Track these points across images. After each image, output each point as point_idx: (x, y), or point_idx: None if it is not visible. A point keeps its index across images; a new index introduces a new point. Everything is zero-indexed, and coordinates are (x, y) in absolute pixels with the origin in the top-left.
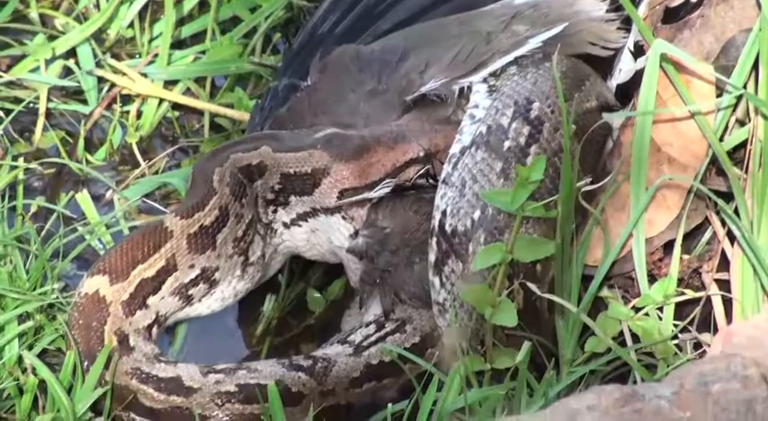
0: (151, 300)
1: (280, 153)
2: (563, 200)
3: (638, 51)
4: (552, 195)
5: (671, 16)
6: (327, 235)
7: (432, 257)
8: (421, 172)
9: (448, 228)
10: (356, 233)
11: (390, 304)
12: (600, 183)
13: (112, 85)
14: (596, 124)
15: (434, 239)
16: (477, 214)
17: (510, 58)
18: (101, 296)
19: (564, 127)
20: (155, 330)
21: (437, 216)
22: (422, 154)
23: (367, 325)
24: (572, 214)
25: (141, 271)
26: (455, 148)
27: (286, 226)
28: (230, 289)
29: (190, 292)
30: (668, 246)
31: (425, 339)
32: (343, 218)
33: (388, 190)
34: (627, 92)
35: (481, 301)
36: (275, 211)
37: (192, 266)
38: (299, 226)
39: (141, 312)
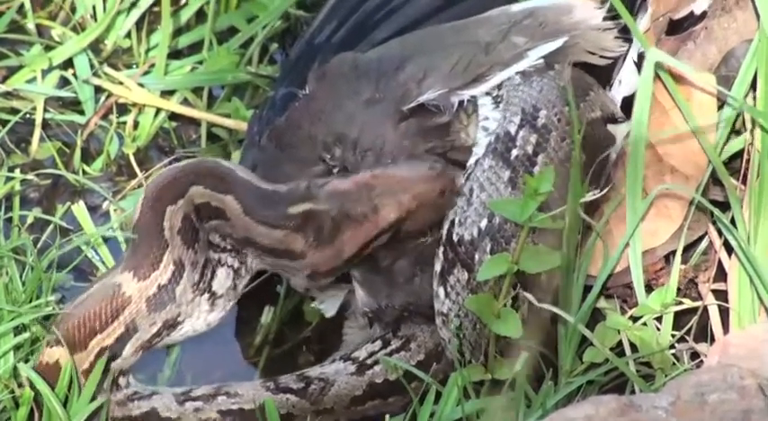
0: (113, 364)
1: (252, 221)
2: (570, 210)
3: (643, 63)
4: (558, 205)
5: (676, 28)
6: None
7: (437, 267)
8: (387, 237)
9: (455, 238)
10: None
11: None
12: (601, 193)
13: (109, 95)
14: (601, 135)
15: (441, 249)
16: (484, 223)
17: (510, 72)
18: (60, 366)
19: (574, 136)
20: (121, 379)
21: (446, 225)
22: (393, 219)
23: (373, 341)
24: (578, 225)
25: (100, 340)
26: (471, 160)
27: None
28: (200, 321)
29: (154, 342)
30: (667, 256)
31: (429, 356)
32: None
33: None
34: (632, 104)
35: (485, 311)
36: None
37: (153, 324)
38: None
39: (103, 376)
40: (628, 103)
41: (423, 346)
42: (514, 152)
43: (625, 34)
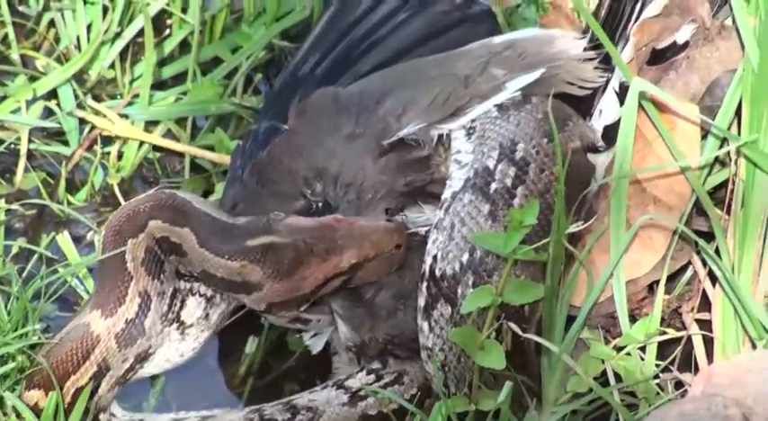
0: (90, 403)
1: (208, 252)
2: (554, 242)
3: (624, 92)
4: (540, 237)
5: (658, 58)
6: None
7: (421, 302)
8: (341, 281)
9: (437, 273)
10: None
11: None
12: (585, 224)
13: (93, 127)
14: (581, 164)
15: (424, 284)
16: (465, 257)
17: (489, 104)
18: (40, 408)
19: (558, 168)
20: (102, 415)
21: (428, 261)
22: (354, 262)
23: (368, 373)
24: (561, 256)
25: (75, 381)
26: (446, 194)
27: None
28: (172, 351)
29: (128, 377)
30: (650, 286)
31: (422, 390)
32: None
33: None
34: (614, 133)
35: (469, 343)
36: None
37: (125, 360)
38: None
39: (83, 415)
40: (610, 132)
41: (415, 380)
42: (493, 186)
43: (606, 64)
